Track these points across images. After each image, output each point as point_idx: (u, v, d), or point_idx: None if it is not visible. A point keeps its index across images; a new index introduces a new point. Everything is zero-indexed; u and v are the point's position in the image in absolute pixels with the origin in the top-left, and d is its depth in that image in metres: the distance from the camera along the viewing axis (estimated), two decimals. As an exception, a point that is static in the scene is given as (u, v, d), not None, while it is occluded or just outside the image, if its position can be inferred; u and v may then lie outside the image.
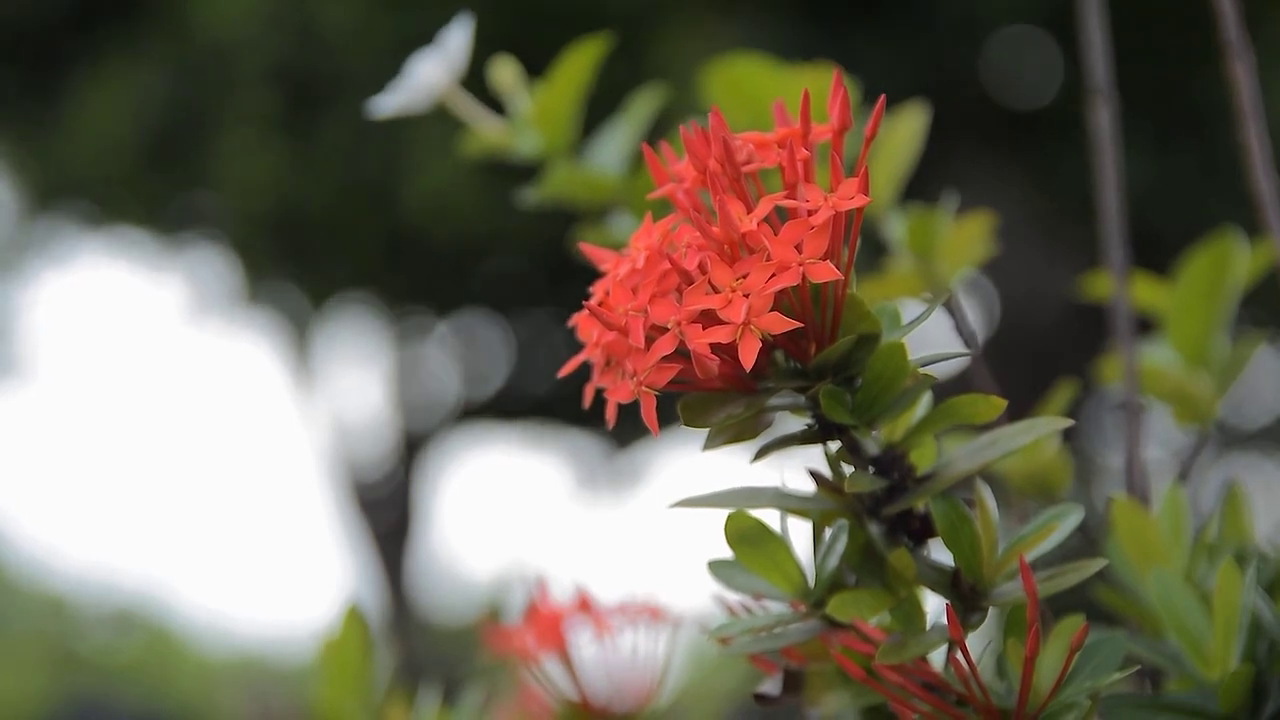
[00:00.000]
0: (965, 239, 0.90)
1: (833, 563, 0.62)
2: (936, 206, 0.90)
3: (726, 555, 0.64)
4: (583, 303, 0.59)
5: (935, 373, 0.60)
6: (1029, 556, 0.61)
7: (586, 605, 0.86)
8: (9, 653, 7.17)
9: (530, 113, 0.92)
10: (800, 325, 0.56)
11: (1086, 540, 0.81)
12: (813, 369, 0.58)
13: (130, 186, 4.57)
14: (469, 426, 6.00)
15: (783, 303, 0.56)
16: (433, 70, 0.90)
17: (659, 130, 0.79)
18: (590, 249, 0.62)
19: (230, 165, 4.22)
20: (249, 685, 7.23)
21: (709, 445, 0.59)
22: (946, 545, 0.61)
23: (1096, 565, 0.60)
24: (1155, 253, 1.38)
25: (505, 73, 0.93)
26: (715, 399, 0.58)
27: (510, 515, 8.27)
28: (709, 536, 0.64)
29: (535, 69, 0.94)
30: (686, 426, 0.58)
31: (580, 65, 0.91)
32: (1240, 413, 5.06)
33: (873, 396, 0.59)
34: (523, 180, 0.93)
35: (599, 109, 0.98)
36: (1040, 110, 4.18)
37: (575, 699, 0.87)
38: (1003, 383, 0.84)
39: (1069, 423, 0.62)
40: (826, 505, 0.63)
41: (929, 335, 0.71)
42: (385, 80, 0.94)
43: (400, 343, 5.78)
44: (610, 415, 0.58)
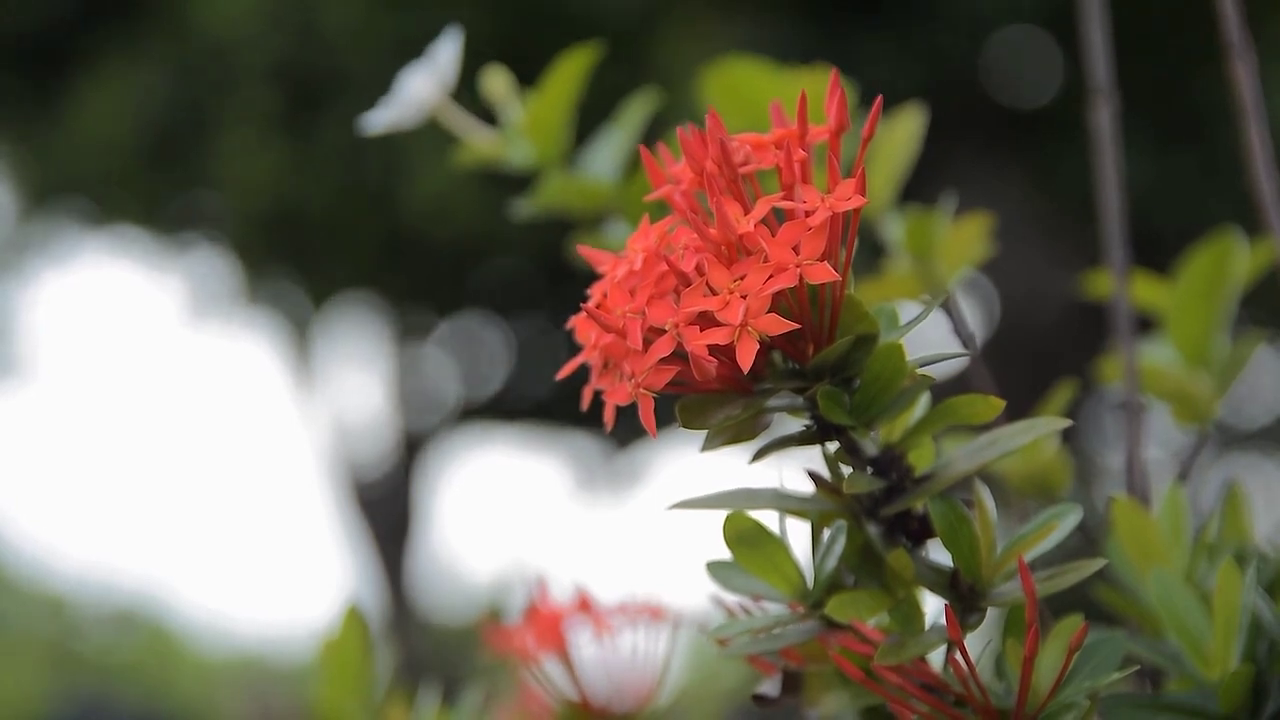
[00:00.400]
0: (964, 239, 0.90)
1: (831, 564, 0.62)
2: (935, 207, 0.90)
3: (725, 556, 0.64)
4: (581, 305, 0.58)
5: (934, 373, 0.60)
6: (1028, 556, 0.61)
7: (587, 605, 0.86)
8: (9, 653, 7.17)
9: (522, 123, 0.91)
10: (798, 326, 0.56)
11: (1086, 540, 0.81)
12: (811, 370, 0.58)
13: (130, 186, 4.57)
14: (469, 427, 5.99)
15: (780, 304, 0.56)
16: (423, 85, 0.89)
17: (656, 135, 0.79)
18: (588, 251, 0.62)
19: (230, 165, 4.22)
20: (249, 685, 7.24)
21: (707, 446, 0.59)
22: (945, 546, 0.61)
23: (1096, 565, 0.60)
24: (1155, 252, 1.38)
25: (497, 82, 0.92)
26: (713, 400, 0.58)
27: (510, 515, 8.27)
28: (708, 537, 0.64)
29: (533, 72, 0.94)
30: (685, 428, 0.58)
31: (572, 74, 0.90)
32: (1240, 413, 5.06)
33: (871, 397, 0.59)
34: (521, 183, 0.93)
35: (597, 113, 0.98)
36: (1040, 110, 4.18)
37: (575, 699, 0.87)
38: (1002, 383, 0.84)
39: (1068, 423, 0.62)
40: (825, 506, 0.63)
41: (929, 336, 0.71)
42: (386, 80, 0.94)
43: (400, 343, 5.77)
44: (608, 417, 0.58)
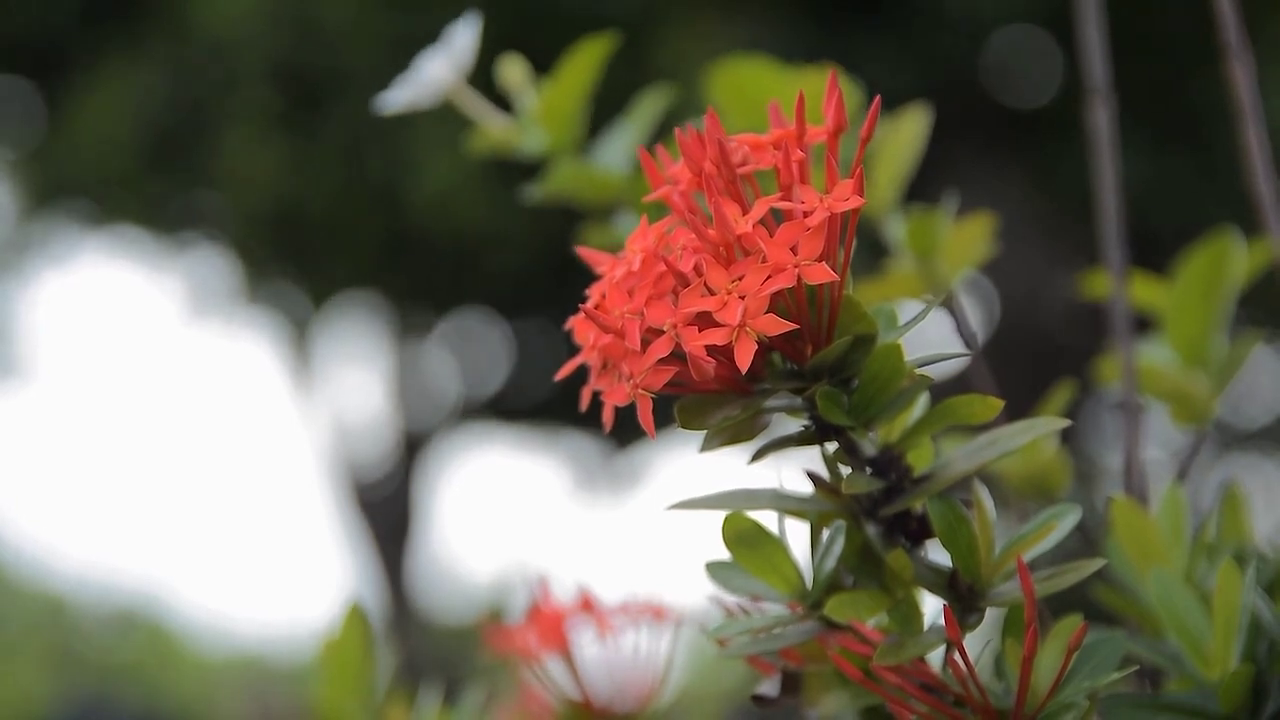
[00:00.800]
0: (966, 240, 0.90)
1: (830, 564, 0.62)
2: (937, 207, 0.90)
3: (724, 557, 0.64)
4: (580, 305, 0.58)
5: (933, 373, 0.60)
6: (1027, 556, 0.61)
7: (588, 605, 0.86)
8: (9, 653, 7.16)
9: (536, 110, 0.92)
10: (796, 327, 0.56)
11: (1086, 540, 0.81)
12: (809, 370, 0.58)
13: (130, 186, 4.56)
14: (469, 427, 5.99)
15: (779, 304, 0.56)
16: (440, 67, 0.90)
17: (664, 130, 0.79)
18: (587, 252, 0.62)
19: (231, 164, 4.22)
20: (249, 685, 7.24)
21: (706, 447, 0.59)
22: (944, 546, 0.61)
23: (1095, 565, 0.60)
24: (1154, 252, 1.38)
25: (513, 70, 0.93)
26: (712, 401, 0.58)
27: (510, 515, 8.27)
28: (707, 537, 0.64)
29: (537, 69, 0.94)
30: (683, 428, 0.58)
31: (586, 63, 0.91)
32: (1239, 413, 5.06)
33: (869, 397, 0.59)
34: (525, 180, 0.94)
35: (602, 110, 0.98)
36: (1040, 110, 4.18)
37: (577, 699, 0.87)
38: (1002, 383, 0.84)
39: (1067, 423, 0.62)
40: (824, 506, 0.63)
41: (929, 336, 0.71)
42: (386, 78, 0.94)
43: (400, 342, 5.77)
44: (607, 418, 0.58)
